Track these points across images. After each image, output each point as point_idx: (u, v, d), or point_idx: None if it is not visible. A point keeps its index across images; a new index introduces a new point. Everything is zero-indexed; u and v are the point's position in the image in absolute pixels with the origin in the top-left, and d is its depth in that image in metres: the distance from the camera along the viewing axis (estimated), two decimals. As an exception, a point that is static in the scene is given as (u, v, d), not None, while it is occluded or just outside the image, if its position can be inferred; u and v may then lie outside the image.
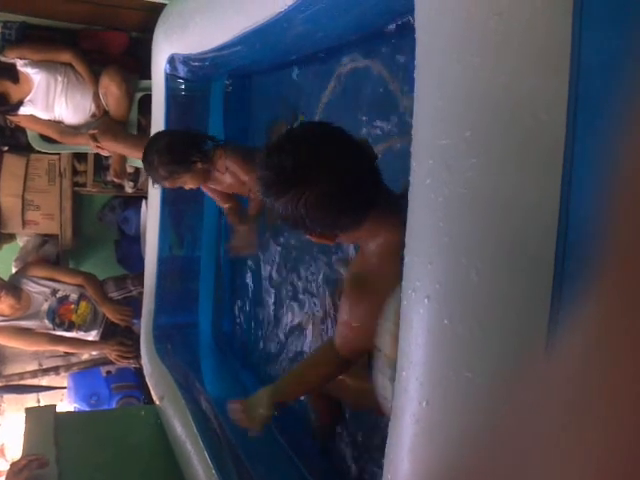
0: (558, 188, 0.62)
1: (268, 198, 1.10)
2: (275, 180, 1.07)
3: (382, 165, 1.10)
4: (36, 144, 3.28)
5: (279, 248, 2.33)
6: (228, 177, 2.16)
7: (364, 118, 1.78)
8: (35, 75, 2.93)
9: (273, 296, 2.34)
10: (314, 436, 2.00)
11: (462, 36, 0.70)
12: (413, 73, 0.79)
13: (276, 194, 1.07)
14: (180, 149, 2.03)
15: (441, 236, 0.72)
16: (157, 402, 2.37)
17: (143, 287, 2.78)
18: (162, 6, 2.38)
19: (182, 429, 2.04)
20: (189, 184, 2.09)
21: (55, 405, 2.55)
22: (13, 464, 1.85)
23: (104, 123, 2.98)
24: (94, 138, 2.91)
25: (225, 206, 2.38)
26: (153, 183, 2.13)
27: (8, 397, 3.80)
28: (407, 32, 1.27)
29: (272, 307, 2.34)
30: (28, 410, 2.43)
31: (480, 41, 0.68)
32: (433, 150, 0.73)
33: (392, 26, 1.46)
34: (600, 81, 0.60)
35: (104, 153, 3.12)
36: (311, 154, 1.06)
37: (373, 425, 1.68)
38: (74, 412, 3.19)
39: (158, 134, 2.17)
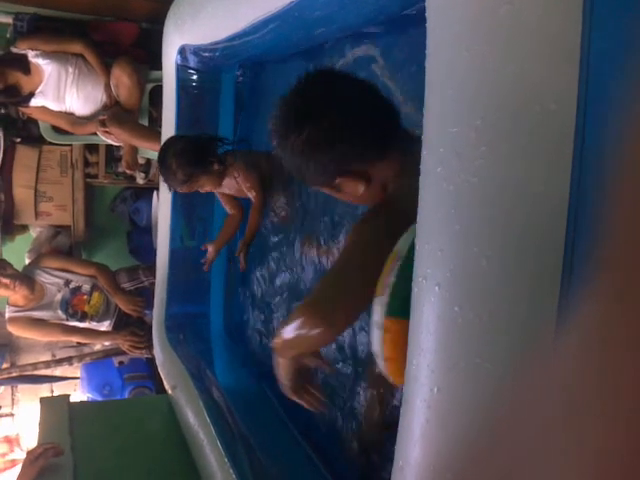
0: (568, 176, 0.62)
1: (284, 143, 1.07)
2: (289, 117, 1.05)
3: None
4: (48, 135, 3.31)
5: (291, 238, 2.34)
6: (237, 182, 2.20)
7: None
8: (46, 66, 2.95)
9: (284, 285, 2.35)
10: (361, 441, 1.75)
11: (472, 25, 0.70)
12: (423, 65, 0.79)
13: (293, 132, 1.05)
14: (197, 151, 2.08)
15: (452, 224, 0.72)
16: (169, 391, 2.39)
17: (155, 278, 2.80)
18: (172, -4, 2.39)
19: (194, 418, 2.06)
20: (206, 187, 2.14)
21: (69, 395, 2.58)
22: (29, 452, 1.87)
23: (115, 112, 3.00)
24: (102, 123, 2.93)
25: (230, 212, 2.42)
26: (170, 189, 2.16)
27: (22, 387, 3.85)
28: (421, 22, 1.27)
29: (283, 296, 2.35)
30: (43, 400, 2.46)
31: (490, 30, 0.68)
32: (444, 138, 0.73)
33: (404, 15, 1.46)
34: (611, 71, 0.60)
35: (111, 140, 3.14)
36: (324, 88, 1.04)
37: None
38: (88, 402, 3.23)
39: (171, 138, 2.20)
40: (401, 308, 1.02)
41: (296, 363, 1.21)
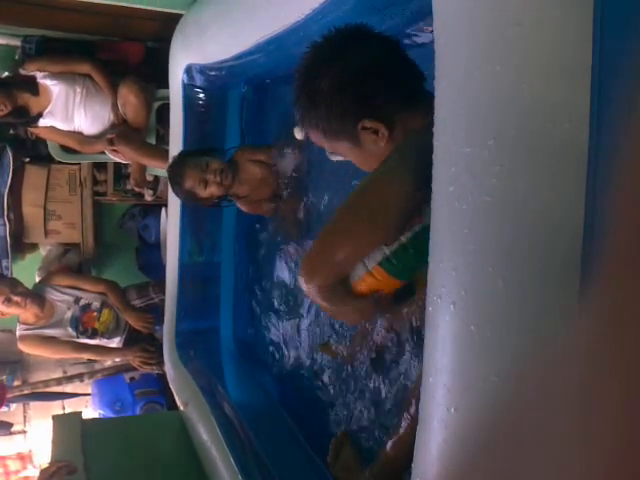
0: (582, 195, 0.62)
1: (309, 86, 1.08)
2: (319, 57, 1.06)
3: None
4: (56, 155, 3.33)
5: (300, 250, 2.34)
6: (256, 172, 2.21)
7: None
8: (54, 87, 2.98)
9: (293, 300, 2.35)
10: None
11: (482, 45, 0.71)
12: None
13: (321, 70, 1.05)
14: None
15: (465, 243, 0.72)
16: (181, 408, 2.39)
17: (164, 294, 2.81)
18: (177, 15, 2.41)
19: (207, 435, 2.06)
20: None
21: (81, 412, 2.59)
22: (43, 471, 1.88)
23: (123, 130, 3.02)
24: (110, 142, 2.96)
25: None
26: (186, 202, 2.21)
27: (34, 404, 3.86)
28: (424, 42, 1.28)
29: (293, 311, 2.35)
30: (55, 417, 2.47)
31: (500, 50, 0.69)
32: (456, 158, 0.73)
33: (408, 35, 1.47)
34: (623, 88, 0.61)
35: (119, 158, 3.16)
36: (355, 35, 1.04)
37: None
38: (100, 418, 3.24)
39: (178, 155, 2.22)
40: (397, 271, 1.04)
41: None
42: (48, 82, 2.97)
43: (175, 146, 2.46)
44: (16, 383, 3.65)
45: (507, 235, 0.68)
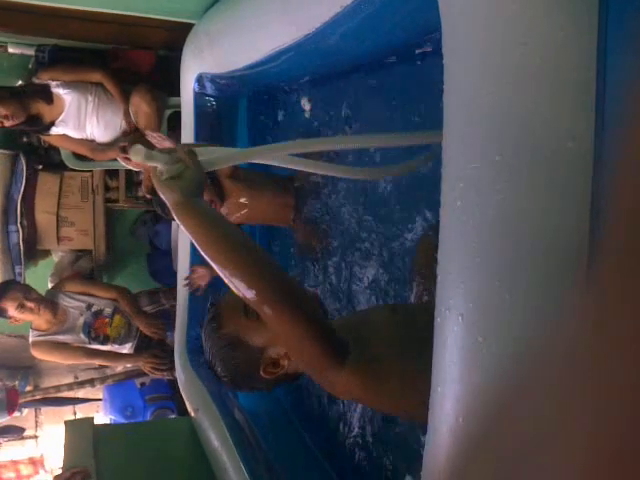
0: (587, 211, 0.64)
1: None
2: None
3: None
4: (69, 162, 3.37)
5: (313, 260, 2.36)
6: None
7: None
8: (67, 95, 3.01)
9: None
10: None
11: (488, 64, 0.73)
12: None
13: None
14: None
15: (473, 257, 0.74)
16: (192, 414, 2.41)
17: (175, 300, 2.83)
18: (187, 24, 2.44)
19: (218, 441, 2.07)
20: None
21: (93, 417, 2.61)
22: (56, 477, 1.90)
23: (135, 138, 3.05)
24: (123, 150, 2.99)
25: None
26: None
27: (45, 409, 3.89)
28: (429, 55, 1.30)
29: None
30: (67, 423, 2.49)
31: (506, 69, 0.70)
32: (463, 174, 0.75)
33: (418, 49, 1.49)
34: (626, 107, 0.62)
35: (131, 166, 3.19)
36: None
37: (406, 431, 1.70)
38: (111, 424, 3.26)
39: None
40: None
41: None
42: (61, 91, 3.00)
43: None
44: (28, 388, 3.69)
45: (513, 249, 0.70)
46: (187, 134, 2.52)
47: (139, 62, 3.26)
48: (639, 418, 0.23)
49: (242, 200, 2.19)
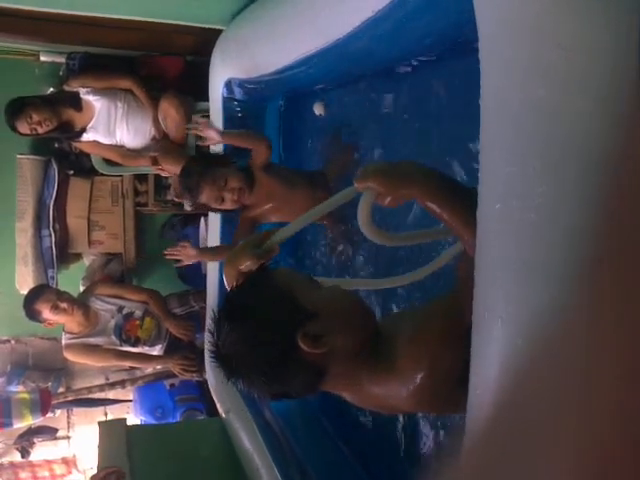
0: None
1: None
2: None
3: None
4: (100, 167, 3.43)
5: (337, 255, 2.37)
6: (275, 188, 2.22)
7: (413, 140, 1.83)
8: (97, 102, 3.07)
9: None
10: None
11: (526, 68, 0.73)
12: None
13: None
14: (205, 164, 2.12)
15: (512, 261, 0.74)
16: (223, 415, 2.44)
17: (205, 303, 2.86)
18: (215, 30, 2.47)
19: (249, 442, 2.09)
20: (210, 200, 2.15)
21: (126, 419, 2.65)
22: (93, 477, 1.93)
23: (164, 146, 3.09)
24: (155, 161, 3.03)
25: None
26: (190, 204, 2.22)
27: (77, 410, 3.95)
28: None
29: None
30: (101, 424, 2.54)
31: (544, 73, 0.71)
32: (502, 177, 0.75)
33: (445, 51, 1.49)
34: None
35: (165, 174, 3.24)
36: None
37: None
38: (143, 425, 3.30)
39: (193, 163, 2.19)
40: None
41: None
42: (91, 98, 3.06)
43: (215, 158, 2.51)
44: (60, 390, 3.75)
45: (552, 252, 0.70)
46: (216, 138, 2.55)
47: (167, 68, 3.31)
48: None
49: (272, 192, 2.20)
